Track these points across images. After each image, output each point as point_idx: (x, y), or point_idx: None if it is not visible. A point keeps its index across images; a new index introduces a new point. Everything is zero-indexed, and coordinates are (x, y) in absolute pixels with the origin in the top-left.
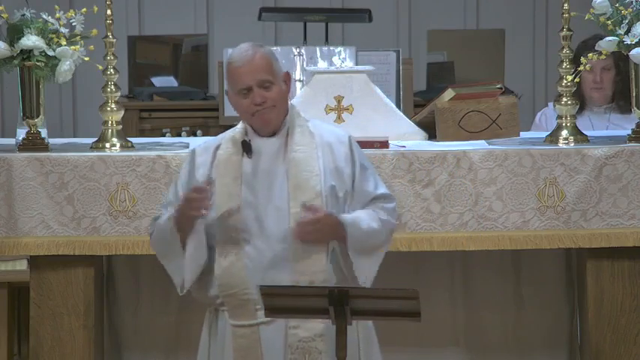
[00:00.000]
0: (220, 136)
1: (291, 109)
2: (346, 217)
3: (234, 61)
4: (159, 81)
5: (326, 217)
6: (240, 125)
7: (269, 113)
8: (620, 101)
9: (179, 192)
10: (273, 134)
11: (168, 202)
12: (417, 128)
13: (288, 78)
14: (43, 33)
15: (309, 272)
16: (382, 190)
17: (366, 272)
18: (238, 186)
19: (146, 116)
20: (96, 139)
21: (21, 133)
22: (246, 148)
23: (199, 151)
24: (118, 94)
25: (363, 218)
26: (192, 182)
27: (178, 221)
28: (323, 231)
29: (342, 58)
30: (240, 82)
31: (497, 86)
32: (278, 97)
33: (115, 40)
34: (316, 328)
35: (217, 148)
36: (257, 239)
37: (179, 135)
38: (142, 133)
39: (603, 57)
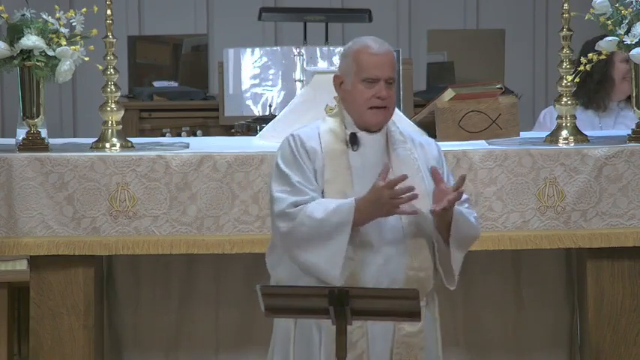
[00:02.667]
0: (309, 128)
1: None
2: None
3: (370, 47)
4: (159, 81)
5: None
6: (330, 119)
7: (384, 114)
8: None
9: (310, 175)
10: (373, 131)
11: (303, 184)
12: (417, 128)
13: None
14: (43, 33)
15: (421, 267)
16: (465, 195)
17: (458, 265)
18: (350, 177)
19: (146, 116)
20: (96, 139)
21: (21, 133)
22: (354, 140)
23: (305, 138)
24: (118, 94)
25: (463, 210)
26: (313, 169)
27: (364, 215)
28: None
29: None
30: (371, 70)
31: (497, 86)
32: (394, 97)
33: (115, 40)
34: (420, 323)
35: (319, 137)
36: (372, 234)
37: (179, 135)
38: (142, 133)
39: (603, 57)
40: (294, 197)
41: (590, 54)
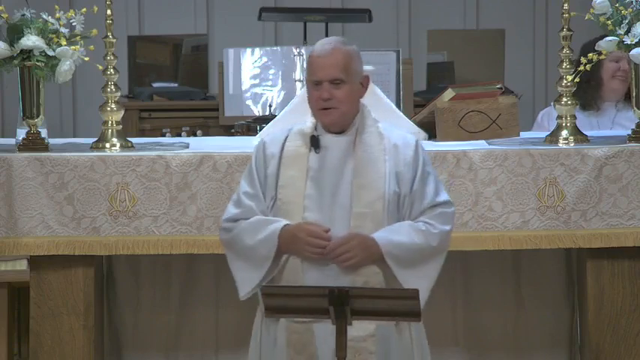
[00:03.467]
0: (288, 128)
1: (362, 109)
2: (379, 234)
3: (314, 51)
4: (159, 81)
5: (353, 237)
6: (310, 119)
7: (331, 114)
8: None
9: (257, 184)
10: (341, 132)
11: (247, 193)
12: (417, 128)
13: (366, 81)
14: (43, 33)
15: (366, 273)
16: (443, 197)
17: (415, 286)
18: (303, 180)
19: (146, 116)
20: (96, 139)
21: (21, 133)
22: (315, 143)
23: (268, 142)
24: (118, 94)
25: (401, 232)
26: (264, 175)
27: (287, 244)
28: (355, 251)
29: None
30: (313, 73)
31: (497, 86)
32: (345, 97)
33: (115, 40)
34: (368, 328)
35: (285, 140)
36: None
37: (179, 135)
38: (142, 133)
39: (603, 57)
40: (235, 210)
41: (590, 54)
